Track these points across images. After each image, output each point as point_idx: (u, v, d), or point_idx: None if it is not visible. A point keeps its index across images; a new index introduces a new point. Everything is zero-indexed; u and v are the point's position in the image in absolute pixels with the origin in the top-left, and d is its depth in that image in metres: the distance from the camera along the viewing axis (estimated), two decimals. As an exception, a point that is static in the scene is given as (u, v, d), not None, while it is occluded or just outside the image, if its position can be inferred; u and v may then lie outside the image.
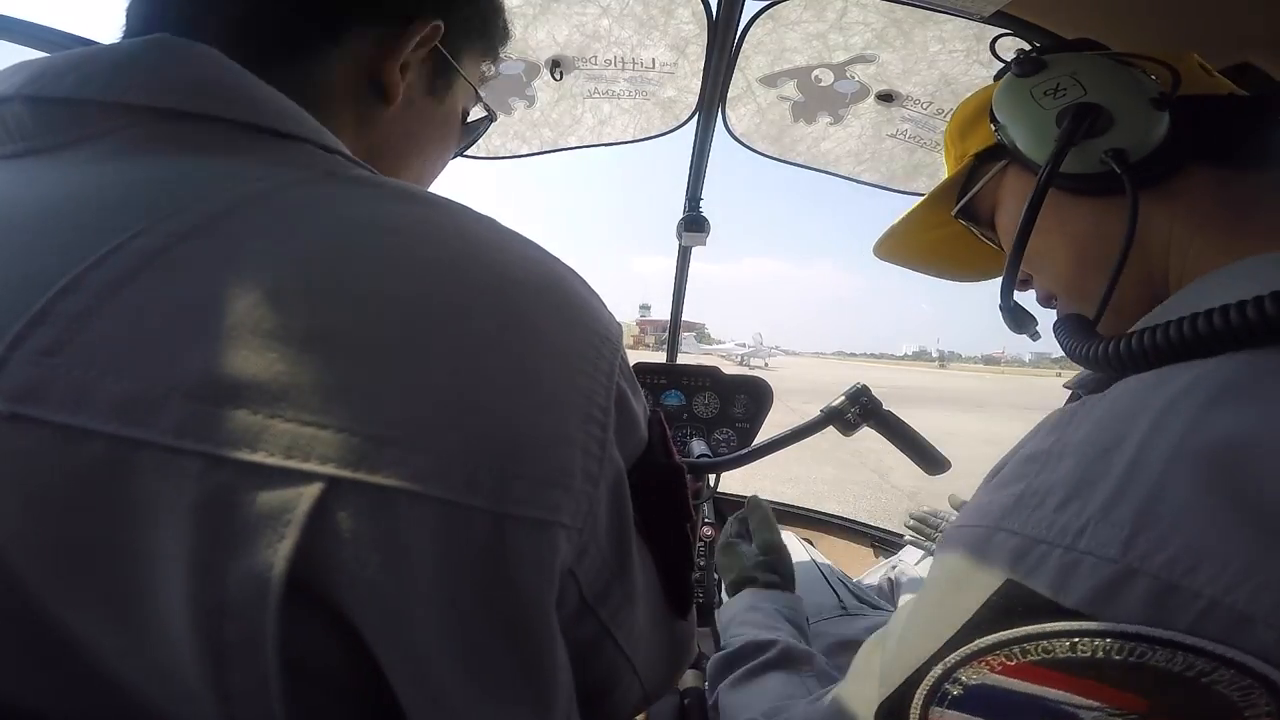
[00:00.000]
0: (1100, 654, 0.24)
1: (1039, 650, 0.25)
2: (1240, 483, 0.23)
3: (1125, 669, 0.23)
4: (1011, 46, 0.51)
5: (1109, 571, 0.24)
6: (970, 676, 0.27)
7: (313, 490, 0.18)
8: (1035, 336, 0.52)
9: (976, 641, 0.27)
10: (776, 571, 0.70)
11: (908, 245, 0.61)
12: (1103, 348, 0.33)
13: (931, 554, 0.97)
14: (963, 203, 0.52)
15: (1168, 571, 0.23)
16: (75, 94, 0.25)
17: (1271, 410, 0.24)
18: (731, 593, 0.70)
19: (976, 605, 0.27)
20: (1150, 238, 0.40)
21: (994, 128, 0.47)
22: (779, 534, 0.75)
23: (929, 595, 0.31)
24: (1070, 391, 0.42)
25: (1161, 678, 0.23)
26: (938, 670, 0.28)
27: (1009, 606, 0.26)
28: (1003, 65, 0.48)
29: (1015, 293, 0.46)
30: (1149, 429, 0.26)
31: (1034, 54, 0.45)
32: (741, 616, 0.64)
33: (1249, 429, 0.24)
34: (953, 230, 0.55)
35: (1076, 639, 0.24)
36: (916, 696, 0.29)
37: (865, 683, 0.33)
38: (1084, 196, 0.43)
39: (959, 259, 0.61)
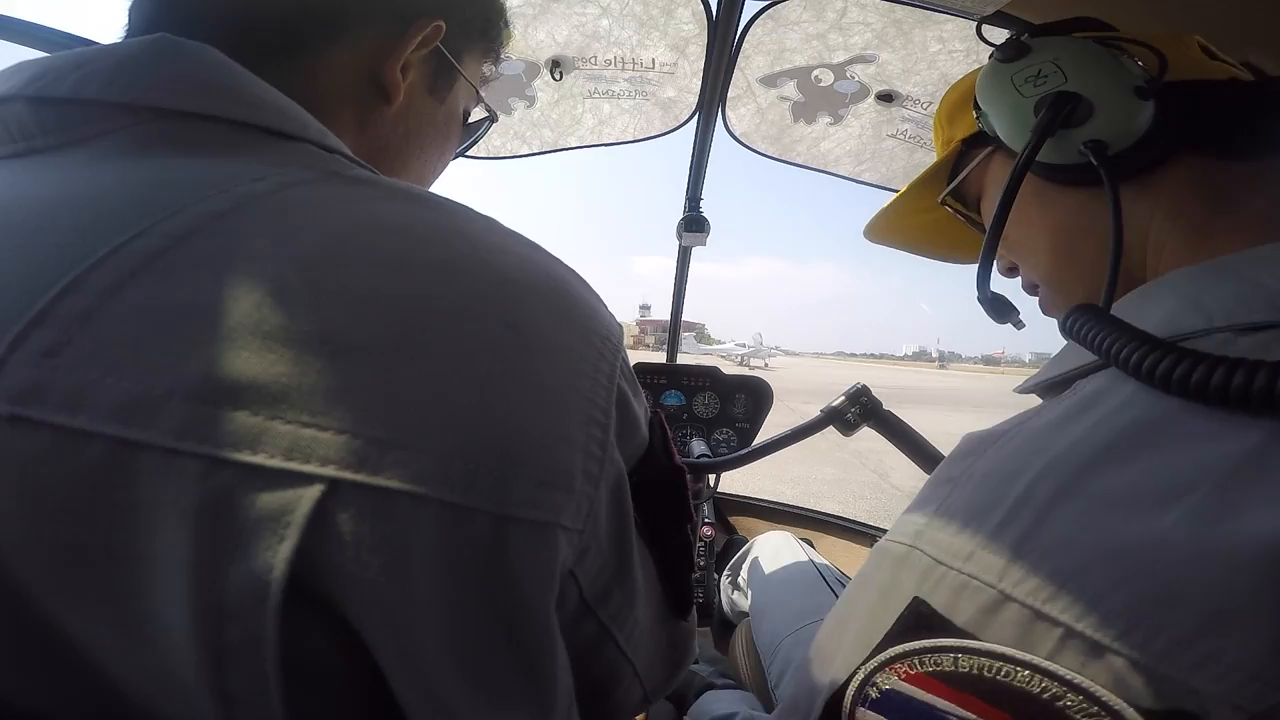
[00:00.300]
0: (976, 671, 0.26)
1: (931, 663, 0.27)
2: (1109, 524, 0.25)
3: (996, 687, 0.25)
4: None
5: (987, 596, 0.26)
6: (884, 682, 0.29)
7: (313, 492, 0.18)
8: (1019, 325, 0.51)
9: (889, 650, 0.29)
10: (727, 675, 0.77)
11: (898, 227, 0.61)
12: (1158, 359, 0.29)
13: None
14: (949, 189, 0.51)
15: (1033, 599, 0.25)
16: (76, 94, 0.25)
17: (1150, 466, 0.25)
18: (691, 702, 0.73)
19: (894, 618, 0.29)
20: (1130, 230, 0.39)
21: (976, 115, 0.46)
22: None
23: (863, 602, 0.32)
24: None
25: (1024, 699, 0.24)
26: (861, 674, 0.30)
27: (916, 621, 0.28)
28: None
29: (1006, 280, 0.46)
30: (1044, 467, 0.27)
31: (1019, 38, 0.43)
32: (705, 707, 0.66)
33: (1128, 482, 0.25)
34: (943, 213, 0.55)
35: (959, 655, 0.26)
36: (848, 695, 0.30)
37: (815, 676, 0.34)
38: (1066, 186, 0.42)
39: (950, 240, 0.60)
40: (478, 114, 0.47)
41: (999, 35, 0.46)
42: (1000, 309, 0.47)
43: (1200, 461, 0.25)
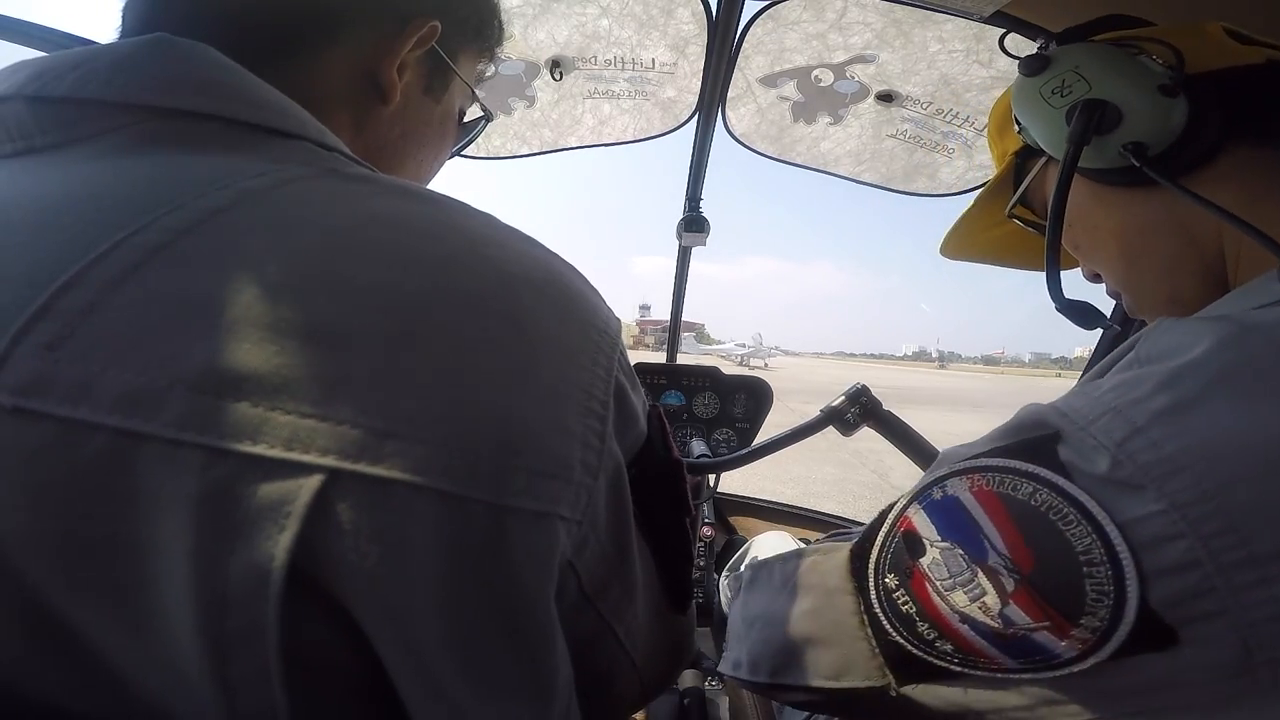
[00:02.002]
0: (1043, 508, 0.26)
1: (1009, 485, 0.28)
2: (1266, 418, 0.24)
3: (1047, 529, 0.26)
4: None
5: (1101, 456, 0.26)
6: (953, 488, 0.30)
7: (313, 482, 0.18)
8: (1108, 327, 0.52)
9: (982, 458, 0.30)
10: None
11: (973, 243, 0.61)
12: None
13: None
14: (1014, 203, 0.52)
15: (1146, 471, 0.25)
16: (75, 93, 0.25)
17: None
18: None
19: (1013, 439, 0.30)
20: (1198, 228, 0.39)
21: (1017, 129, 0.47)
22: None
23: (988, 434, 0.33)
24: None
25: (1062, 550, 0.26)
26: (939, 473, 0.31)
27: (1024, 447, 0.29)
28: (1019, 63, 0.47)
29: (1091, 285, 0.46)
30: (1224, 338, 0.26)
31: (1041, 50, 0.44)
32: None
33: None
34: (1014, 225, 0.55)
35: (1038, 487, 0.27)
36: (913, 493, 0.32)
37: None
38: (1119, 188, 0.42)
39: (1030, 250, 0.59)
40: (473, 113, 0.47)
41: (1024, 47, 0.47)
42: (1083, 315, 0.47)
43: None
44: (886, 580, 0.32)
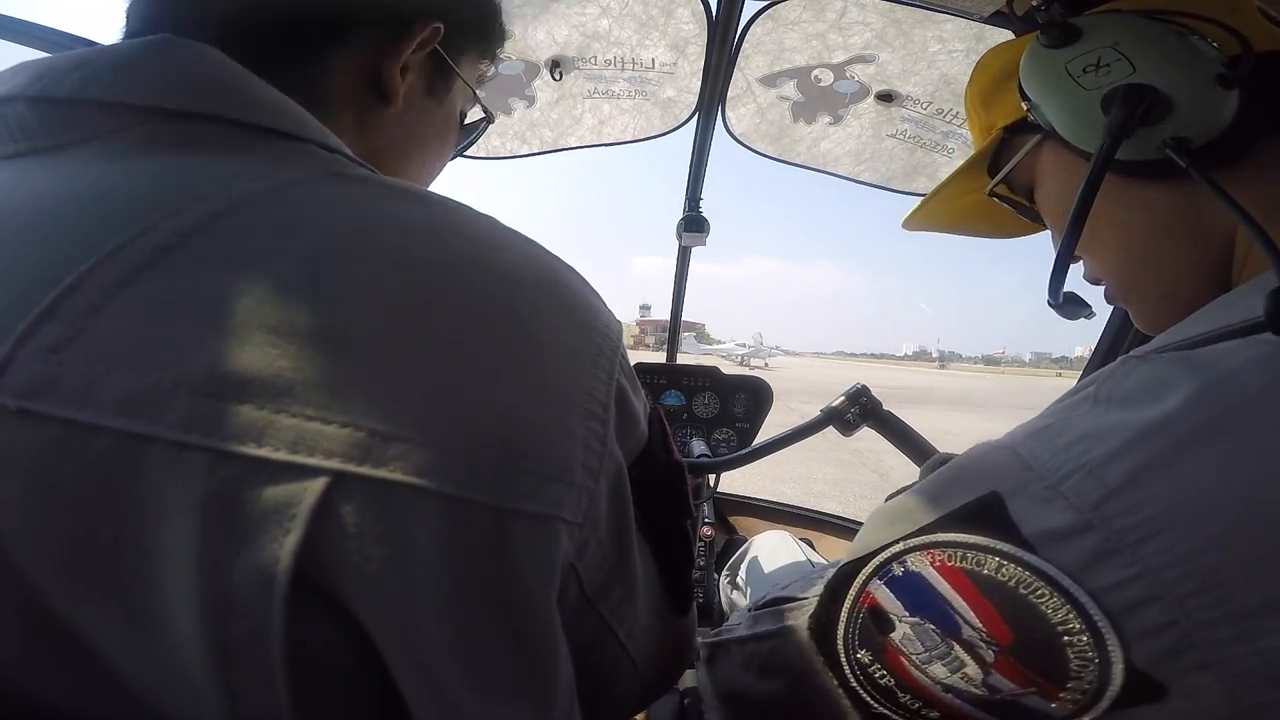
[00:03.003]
0: (1012, 582, 0.26)
1: (973, 560, 0.27)
2: (1249, 476, 0.24)
3: (1020, 604, 0.25)
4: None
5: (1071, 519, 0.25)
6: (914, 563, 0.29)
7: (317, 485, 0.18)
8: (1090, 316, 0.47)
9: (938, 534, 0.29)
10: None
11: (939, 214, 0.56)
12: None
13: None
14: (997, 180, 0.47)
15: (1120, 537, 0.24)
16: (78, 94, 0.25)
17: None
18: None
19: (959, 504, 0.29)
20: (1211, 225, 0.36)
21: (1025, 105, 0.41)
22: None
23: (933, 482, 0.32)
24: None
25: (1039, 622, 0.25)
26: (896, 548, 0.30)
27: (981, 514, 0.28)
28: (1021, 24, 0.42)
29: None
30: (1197, 392, 0.25)
31: (1061, 16, 0.37)
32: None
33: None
34: (976, 196, 0.50)
35: (1004, 562, 0.26)
36: (869, 566, 0.31)
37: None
38: (1136, 180, 0.38)
39: (995, 220, 0.55)
40: (474, 114, 0.47)
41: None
42: (1072, 310, 0.44)
43: None
44: (859, 656, 0.31)
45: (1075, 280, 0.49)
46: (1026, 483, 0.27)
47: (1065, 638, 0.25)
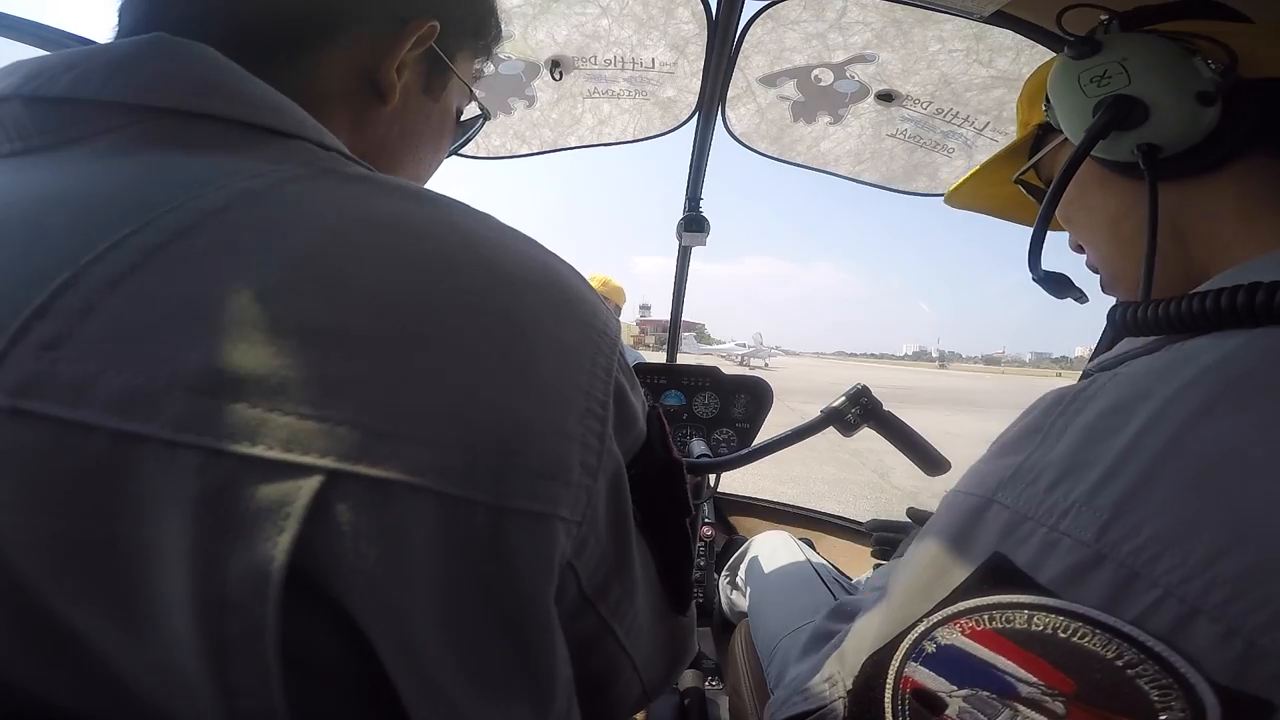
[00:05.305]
0: (1049, 630, 0.25)
1: (1002, 619, 0.27)
2: (1223, 484, 0.24)
3: (1067, 649, 0.25)
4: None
5: (1081, 555, 0.25)
6: (944, 637, 0.28)
7: (312, 483, 0.18)
8: (1081, 299, 0.52)
9: (958, 604, 0.28)
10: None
11: (979, 195, 0.62)
12: (1131, 311, 0.34)
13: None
14: (1024, 171, 0.53)
15: (1133, 559, 0.24)
16: (72, 93, 0.25)
17: (1271, 415, 0.25)
18: None
19: (967, 572, 0.29)
20: (1189, 226, 0.39)
21: (1045, 107, 0.47)
22: None
23: (927, 556, 0.32)
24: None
25: (1095, 663, 0.24)
26: (921, 627, 0.29)
27: (995, 576, 0.28)
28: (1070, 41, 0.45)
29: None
30: (1149, 418, 0.27)
31: (1097, 33, 0.42)
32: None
33: (1244, 434, 0.25)
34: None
35: (1033, 613, 0.26)
36: (899, 650, 0.30)
37: (862, 637, 0.34)
38: (1124, 177, 0.42)
39: (1027, 209, 0.60)
40: (470, 111, 0.47)
41: (1082, 24, 0.45)
42: (1057, 286, 0.48)
43: None
44: None
45: (1085, 278, 0.52)
46: (1028, 533, 0.27)
47: (1128, 670, 0.24)
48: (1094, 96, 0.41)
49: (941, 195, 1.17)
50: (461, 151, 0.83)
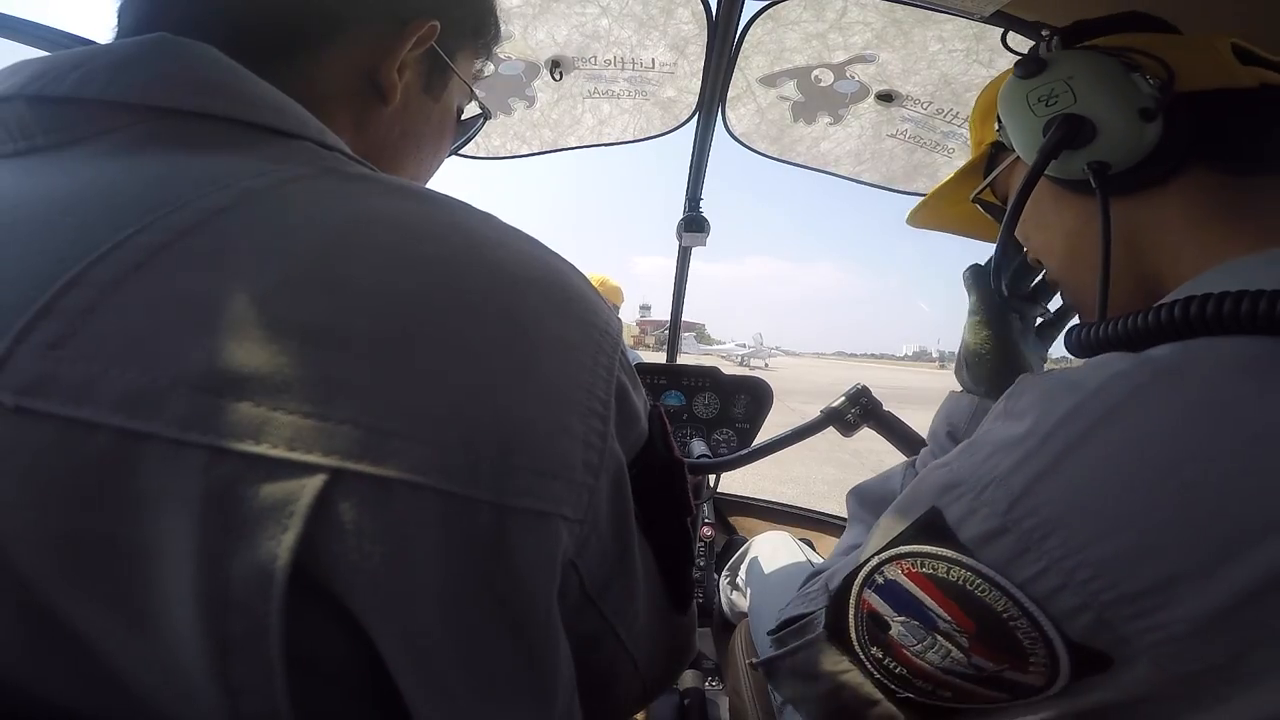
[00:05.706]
0: (960, 581, 0.31)
1: (929, 566, 0.32)
2: (1110, 481, 0.28)
3: (970, 598, 0.31)
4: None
5: (993, 523, 0.30)
6: (889, 573, 0.35)
7: (315, 482, 0.18)
8: (1044, 314, 0.55)
9: (900, 547, 0.34)
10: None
11: (939, 215, 0.64)
12: (1085, 331, 0.38)
13: None
14: (980, 190, 0.54)
15: (1028, 535, 0.29)
16: (76, 93, 0.25)
17: (1161, 422, 0.28)
18: None
19: (911, 520, 0.34)
20: (1142, 240, 0.41)
21: (997, 126, 0.48)
22: None
23: (900, 500, 0.38)
24: None
25: (990, 614, 0.30)
26: (874, 561, 0.35)
27: (929, 527, 0.33)
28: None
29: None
30: (1068, 411, 0.30)
31: (1040, 51, 0.43)
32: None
33: (1141, 436, 0.28)
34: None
35: (951, 565, 0.31)
36: (859, 577, 0.37)
37: (847, 562, 0.41)
38: (1078, 194, 0.43)
39: (990, 227, 0.61)
40: (470, 111, 0.47)
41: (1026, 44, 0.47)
42: (1023, 305, 0.52)
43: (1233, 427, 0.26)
44: (873, 652, 0.36)
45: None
46: (959, 496, 0.32)
47: (1011, 623, 0.29)
48: (1043, 116, 0.42)
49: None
50: (461, 151, 0.83)
